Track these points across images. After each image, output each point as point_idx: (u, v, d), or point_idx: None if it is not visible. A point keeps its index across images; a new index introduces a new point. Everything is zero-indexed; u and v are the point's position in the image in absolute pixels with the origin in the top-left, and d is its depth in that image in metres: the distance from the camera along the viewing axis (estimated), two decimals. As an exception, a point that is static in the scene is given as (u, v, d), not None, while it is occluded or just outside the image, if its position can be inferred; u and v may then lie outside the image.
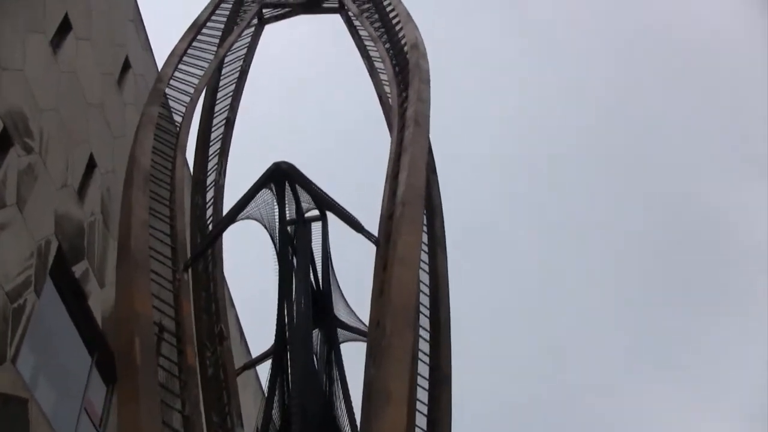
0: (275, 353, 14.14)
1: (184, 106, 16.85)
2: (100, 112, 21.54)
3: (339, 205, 14.10)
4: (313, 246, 15.79)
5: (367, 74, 20.50)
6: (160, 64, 25.52)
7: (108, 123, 21.76)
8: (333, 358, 14.59)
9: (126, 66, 23.60)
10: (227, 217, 14.24)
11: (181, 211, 14.26)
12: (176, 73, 17.52)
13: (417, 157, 13.67)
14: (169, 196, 14.46)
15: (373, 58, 20.31)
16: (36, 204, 17.64)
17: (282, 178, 14.04)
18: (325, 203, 14.33)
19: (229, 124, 19.71)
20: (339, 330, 16.14)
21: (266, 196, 14.31)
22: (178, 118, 16.76)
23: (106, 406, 20.36)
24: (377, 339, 11.72)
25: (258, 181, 14.12)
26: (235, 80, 20.37)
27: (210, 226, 17.88)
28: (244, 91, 20.43)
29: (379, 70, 20.06)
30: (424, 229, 15.15)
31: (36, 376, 17.51)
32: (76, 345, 19.46)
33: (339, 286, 16.32)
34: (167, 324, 12.37)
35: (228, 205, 18.95)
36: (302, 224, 15.16)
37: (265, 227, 14.78)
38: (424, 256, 15.04)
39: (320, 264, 15.92)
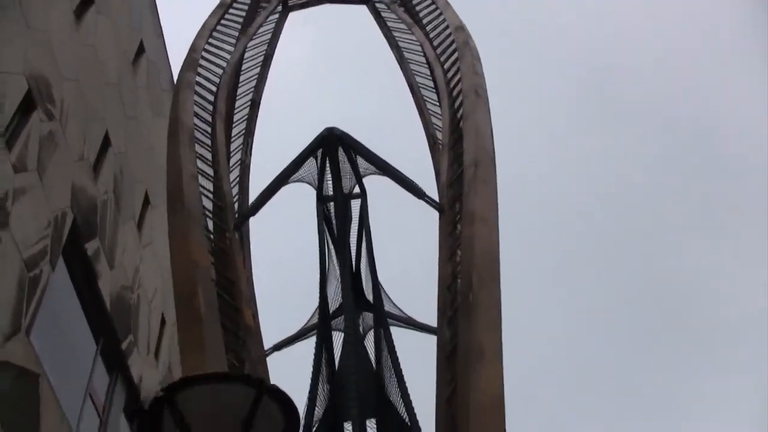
0: (320, 327, 13.37)
1: (217, 76, 16.19)
2: (117, 91, 20.74)
3: (399, 171, 13.49)
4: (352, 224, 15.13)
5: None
6: (171, 56, 24.91)
7: (123, 103, 20.96)
8: (382, 335, 13.86)
9: (140, 50, 22.89)
10: (278, 180, 13.53)
11: (225, 172, 13.54)
12: (206, 46, 16.89)
13: (482, 123, 13.24)
14: (212, 157, 13.73)
15: (402, 49, 19.88)
16: (55, 173, 16.73)
17: (334, 143, 13.38)
18: (384, 169, 13.69)
19: (255, 104, 19.11)
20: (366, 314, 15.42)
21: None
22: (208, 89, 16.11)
23: (109, 394, 19.31)
24: (453, 300, 11.23)
25: (309, 145, 13.47)
26: (259, 64, 19.77)
27: (236, 205, 17.12)
28: (269, 75, 19.86)
29: (409, 60, 19.63)
30: None
31: (45, 354, 16.49)
32: (82, 328, 18.42)
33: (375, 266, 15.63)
34: (222, 282, 11.60)
35: (252, 185, 18.27)
36: (347, 197, 14.51)
37: (317, 188, 14.10)
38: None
39: (355, 241, 15.24)
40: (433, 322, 13.52)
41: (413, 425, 12.12)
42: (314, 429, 12.47)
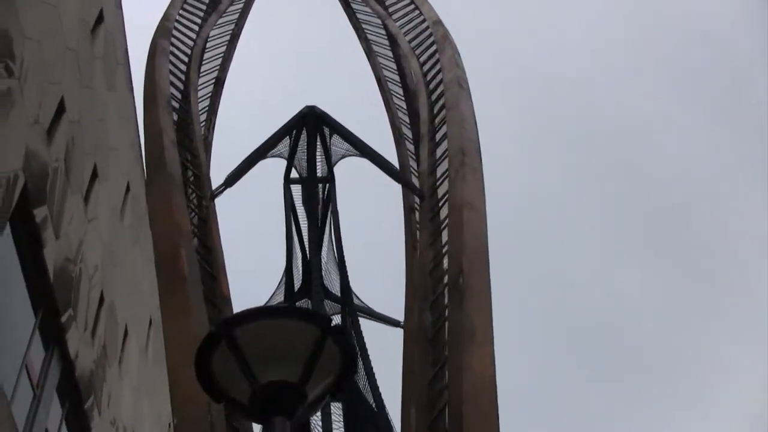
0: (287, 301, 13.08)
1: (189, 48, 15.84)
2: (75, 58, 19.96)
3: (379, 154, 13.35)
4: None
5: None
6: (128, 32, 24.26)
7: (80, 71, 20.23)
8: (349, 323, 13.63)
9: (100, 19, 22.15)
10: (256, 153, 13.26)
11: (201, 142, 13.20)
12: (178, 17, 16.53)
13: (467, 113, 13.23)
14: (186, 127, 13.38)
15: (371, 42, 19.78)
16: (9, 132, 16.02)
17: (314, 121, 13.17)
18: (364, 152, 13.52)
19: (219, 82, 18.72)
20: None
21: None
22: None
23: (44, 369, 18.60)
24: (435, 284, 11.13)
25: (289, 122, 13.23)
26: (226, 42, 19.41)
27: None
28: (235, 54, 19.48)
29: (377, 54, 19.55)
30: None
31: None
32: (21, 296, 17.70)
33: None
34: (199, 249, 11.26)
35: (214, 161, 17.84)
36: (317, 180, 14.28)
37: (295, 168, 13.86)
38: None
39: (320, 226, 14.99)
40: (390, 309, 13.38)
41: (380, 410, 11.96)
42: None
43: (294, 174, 14.29)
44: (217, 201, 16.81)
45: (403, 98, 18.41)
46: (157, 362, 24.56)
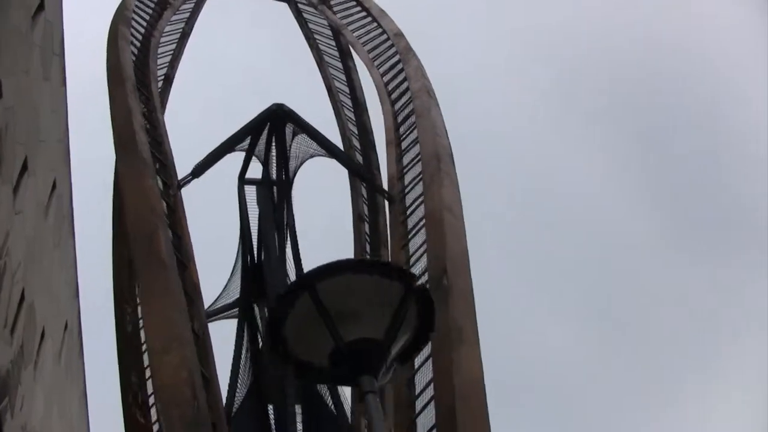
0: (242, 304, 12.79)
1: (146, 38, 15.53)
2: (16, 40, 19.23)
3: (348, 156, 13.31)
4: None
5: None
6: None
7: (17, 56, 19.45)
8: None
9: (41, 7, 21.44)
10: (222, 148, 13.03)
11: (164, 131, 12.93)
12: (134, 8, 16.20)
13: (438, 121, 13.36)
14: (149, 115, 13.07)
15: (323, 52, 19.80)
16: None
17: (281, 119, 13.05)
18: (332, 153, 13.44)
19: (168, 80, 18.34)
20: None
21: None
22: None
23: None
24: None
25: (256, 118, 13.07)
26: (176, 41, 19.08)
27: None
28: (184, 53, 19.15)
29: (328, 64, 19.58)
30: None
31: None
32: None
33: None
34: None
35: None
36: (273, 183, 14.13)
37: (262, 163, 13.68)
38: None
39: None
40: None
41: (340, 414, 11.81)
42: (235, 410, 11.89)
43: (254, 173, 14.11)
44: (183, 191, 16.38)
45: (352, 109, 18.49)
46: (70, 368, 23.50)
